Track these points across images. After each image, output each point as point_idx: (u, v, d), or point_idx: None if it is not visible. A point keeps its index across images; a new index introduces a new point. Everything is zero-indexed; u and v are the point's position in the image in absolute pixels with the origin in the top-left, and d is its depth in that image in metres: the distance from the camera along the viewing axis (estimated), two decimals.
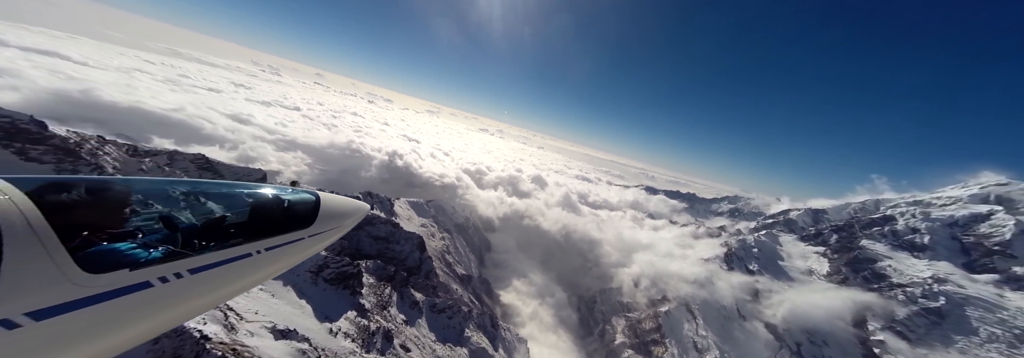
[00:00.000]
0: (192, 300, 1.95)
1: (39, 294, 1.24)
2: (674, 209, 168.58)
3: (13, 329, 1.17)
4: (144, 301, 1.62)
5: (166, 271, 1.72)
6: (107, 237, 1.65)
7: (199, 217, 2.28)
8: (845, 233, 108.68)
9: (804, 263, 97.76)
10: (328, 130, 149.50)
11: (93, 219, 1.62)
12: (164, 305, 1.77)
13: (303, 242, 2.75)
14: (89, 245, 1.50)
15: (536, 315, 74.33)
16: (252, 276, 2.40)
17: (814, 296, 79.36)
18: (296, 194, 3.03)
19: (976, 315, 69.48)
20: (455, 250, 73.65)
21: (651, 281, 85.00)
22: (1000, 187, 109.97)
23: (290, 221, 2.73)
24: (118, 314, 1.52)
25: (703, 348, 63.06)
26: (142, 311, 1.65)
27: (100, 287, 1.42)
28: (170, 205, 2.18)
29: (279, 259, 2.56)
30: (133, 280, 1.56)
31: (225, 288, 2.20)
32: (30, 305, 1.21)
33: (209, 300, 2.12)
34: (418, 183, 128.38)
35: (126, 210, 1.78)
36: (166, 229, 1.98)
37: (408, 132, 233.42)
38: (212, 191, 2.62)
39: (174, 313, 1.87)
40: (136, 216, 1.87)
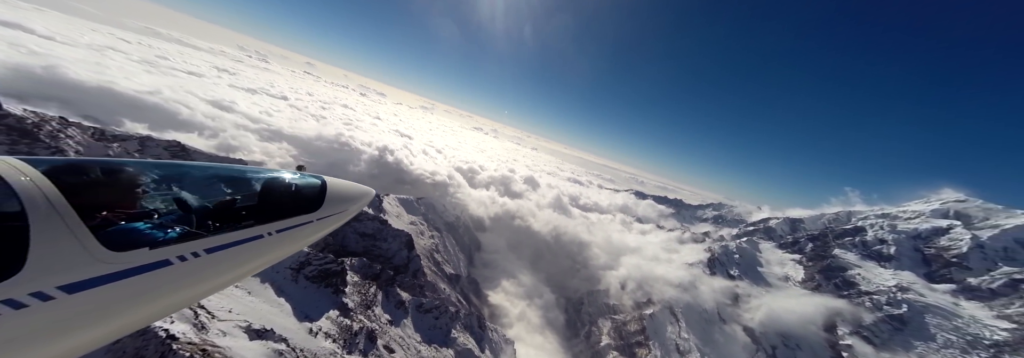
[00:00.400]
0: (208, 279, 2.05)
1: (67, 270, 1.31)
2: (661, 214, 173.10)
3: (47, 301, 1.25)
4: (165, 278, 1.71)
5: (184, 250, 1.79)
6: (125, 217, 1.72)
7: (211, 199, 2.36)
8: (819, 242, 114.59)
9: (781, 269, 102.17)
10: (316, 121, 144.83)
11: (110, 199, 1.70)
12: (183, 283, 1.86)
13: (311, 225, 2.82)
14: (109, 224, 1.59)
15: (524, 316, 74.24)
16: (263, 257, 2.47)
17: (789, 301, 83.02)
18: (303, 178, 3.10)
19: (934, 322, 74.48)
20: (444, 249, 72.67)
21: (637, 284, 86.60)
22: (959, 203, 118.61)
23: (298, 204, 2.80)
24: (141, 290, 1.61)
25: (685, 350, 64.61)
26: (163, 288, 1.74)
27: (123, 264, 1.50)
28: (183, 187, 2.27)
29: (288, 241, 2.63)
30: (154, 258, 1.64)
31: (239, 268, 2.26)
32: (60, 280, 1.28)
33: (224, 279, 2.20)
34: (409, 180, 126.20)
35: (141, 191, 1.88)
36: (180, 210, 2.07)
37: (400, 127, 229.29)
38: (223, 174, 2.71)
39: (192, 290, 1.98)
40: (151, 197, 1.96)
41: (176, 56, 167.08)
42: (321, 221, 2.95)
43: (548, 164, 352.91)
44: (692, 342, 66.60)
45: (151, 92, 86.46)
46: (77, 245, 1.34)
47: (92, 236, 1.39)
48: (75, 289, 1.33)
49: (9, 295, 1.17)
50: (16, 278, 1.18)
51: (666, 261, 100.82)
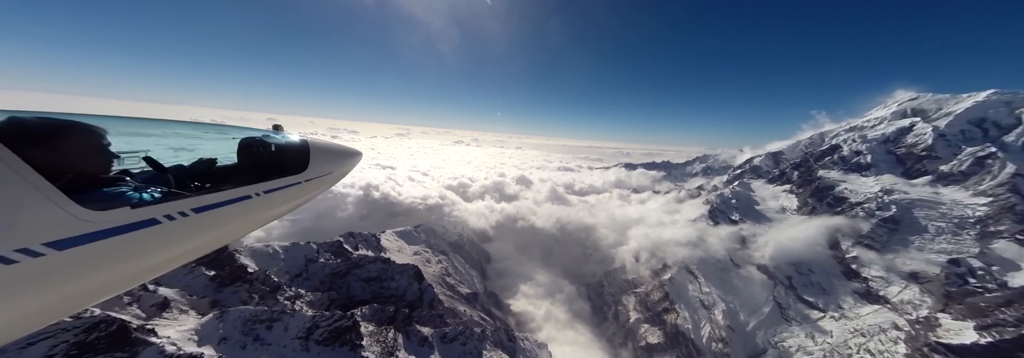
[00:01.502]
0: (200, 237, 2.13)
1: (48, 228, 1.31)
2: (654, 179, 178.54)
3: (37, 257, 1.27)
4: (156, 236, 1.74)
5: (170, 210, 1.81)
6: (96, 176, 1.73)
7: (184, 158, 2.39)
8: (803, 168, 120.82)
9: (776, 203, 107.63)
10: None
11: (73, 158, 1.66)
12: (175, 241, 1.91)
13: (300, 186, 2.87)
14: (81, 184, 1.58)
15: (550, 315, 76.69)
16: (254, 217, 2.55)
17: (792, 230, 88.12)
18: (283, 138, 3.09)
19: (922, 215, 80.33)
20: (455, 270, 74.21)
21: (650, 253, 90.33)
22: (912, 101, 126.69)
23: (283, 165, 2.85)
24: (134, 247, 1.64)
25: (710, 304, 68.48)
26: (156, 245, 1.78)
27: (108, 223, 1.50)
28: (149, 145, 2.24)
29: (279, 202, 2.68)
30: (139, 217, 1.64)
31: (230, 227, 2.36)
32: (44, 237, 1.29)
33: (217, 238, 2.32)
34: (401, 211, 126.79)
35: (104, 149, 1.82)
36: (153, 169, 2.09)
37: (380, 160, 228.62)
38: (193, 132, 2.68)
39: (185, 248, 2.05)
40: (118, 156, 1.91)
41: None
42: (310, 182, 2.96)
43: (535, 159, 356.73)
44: (714, 294, 70.56)
45: None
46: (49, 204, 1.33)
47: (64, 195, 1.37)
48: (64, 246, 1.35)
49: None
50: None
51: (671, 223, 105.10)
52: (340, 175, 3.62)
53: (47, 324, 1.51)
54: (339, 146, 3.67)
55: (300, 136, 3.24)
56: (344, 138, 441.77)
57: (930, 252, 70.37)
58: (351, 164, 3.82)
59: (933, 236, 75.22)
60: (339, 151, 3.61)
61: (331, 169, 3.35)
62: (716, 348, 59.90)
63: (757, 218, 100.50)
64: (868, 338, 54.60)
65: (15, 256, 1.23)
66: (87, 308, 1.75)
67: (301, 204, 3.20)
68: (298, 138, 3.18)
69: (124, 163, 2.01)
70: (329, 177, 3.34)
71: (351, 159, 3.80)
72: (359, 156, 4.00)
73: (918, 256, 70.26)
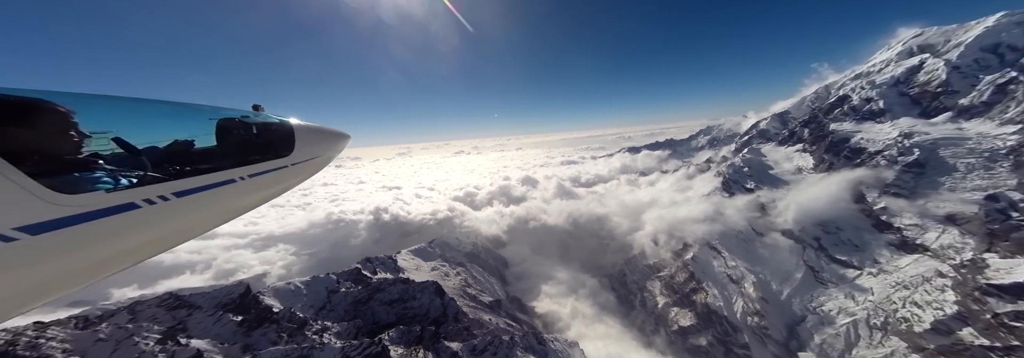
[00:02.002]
0: (183, 221, 2.09)
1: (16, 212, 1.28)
2: (660, 159, 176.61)
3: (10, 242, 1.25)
4: (136, 221, 1.70)
5: (150, 194, 1.76)
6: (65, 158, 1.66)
7: (158, 140, 2.28)
8: (813, 124, 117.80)
9: (791, 164, 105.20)
10: (303, 211, 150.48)
11: (39, 138, 1.57)
12: (157, 225, 1.88)
13: (287, 170, 2.80)
14: (49, 167, 1.52)
15: (576, 312, 76.95)
16: (240, 201, 2.50)
17: (812, 190, 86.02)
18: (265, 119, 2.99)
19: (948, 153, 77.24)
20: (474, 280, 75.63)
21: (667, 234, 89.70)
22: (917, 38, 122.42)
23: (267, 147, 2.77)
24: (114, 232, 1.61)
25: (738, 278, 67.52)
26: (137, 230, 1.74)
27: (82, 207, 1.46)
28: (118, 126, 2.07)
29: (265, 186, 2.61)
30: (116, 202, 1.59)
31: (214, 212, 2.32)
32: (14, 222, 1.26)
33: (201, 223, 2.29)
34: (413, 229, 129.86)
35: (75, 129, 1.72)
36: (125, 151, 1.98)
37: (386, 182, 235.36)
38: (163, 112, 2.56)
39: (168, 233, 2.02)
40: (88, 136, 1.80)
41: None
42: (297, 166, 2.88)
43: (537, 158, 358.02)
44: (741, 267, 69.54)
45: None
46: (16, 188, 1.29)
47: (31, 179, 1.34)
48: (38, 230, 1.32)
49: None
50: None
51: (684, 201, 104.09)
52: (327, 159, 3.49)
53: (30, 308, 1.54)
54: (325, 128, 3.55)
55: (283, 117, 3.12)
56: (348, 166, 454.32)
57: (964, 191, 67.59)
58: (339, 147, 3.70)
59: (964, 174, 72.08)
60: (326, 133, 3.48)
61: (318, 152, 3.25)
62: (752, 322, 58.98)
63: (773, 183, 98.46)
64: (912, 290, 52.84)
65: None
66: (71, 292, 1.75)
67: (288, 189, 3.11)
68: (280, 119, 3.09)
69: (94, 144, 1.90)
70: (316, 161, 3.24)
71: (339, 142, 3.67)
72: (346, 139, 3.85)
73: (951, 197, 67.61)
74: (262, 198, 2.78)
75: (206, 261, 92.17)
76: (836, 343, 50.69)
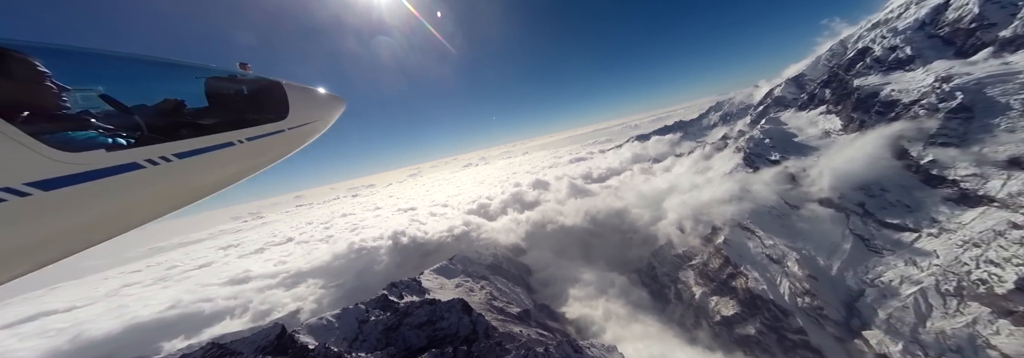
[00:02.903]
0: (187, 183, 2.13)
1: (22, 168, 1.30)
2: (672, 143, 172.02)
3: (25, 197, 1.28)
4: (142, 180, 1.74)
5: (152, 154, 1.79)
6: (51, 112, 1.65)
7: (147, 98, 2.24)
8: (834, 84, 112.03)
9: (816, 129, 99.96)
10: (326, 244, 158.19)
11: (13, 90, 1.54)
12: (162, 186, 1.91)
13: (284, 135, 2.82)
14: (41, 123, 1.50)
15: (609, 313, 74.92)
16: (239, 165, 2.53)
17: (845, 153, 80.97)
18: (254, 80, 2.97)
19: (997, 92, 71.02)
20: (500, 292, 75.79)
21: (693, 220, 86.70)
22: None
23: (261, 110, 2.79)
24: (121, 191, 1.63)
25: (779, 257, 63.81)
26: (143, 190, 1.77)
27: (86, 165, 1.49)
28: (103, 82, 2.06)
29: (262, 151, 2.65)
30: (119, 161, 1.62)
31: (215, 175, 2.35)
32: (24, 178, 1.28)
33: (204, 185, 2.32)
34: (432, 248, 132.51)
35: (48, 78, 1.69)
36: (114, 109, 1.97)
37: (401, 205, 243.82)
38: (149, 68, 2.49)
39: (173, 194, 2.06)
40: (67, 88, 1.78)
41: (183, 259, 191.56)
42: (293, 131, 2.91)
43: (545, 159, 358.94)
44: (780, 245, 65.82)
45: (171, 306, 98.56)
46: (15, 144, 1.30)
47: (28, 136, 1.34)
48: (50, 186, 1.34)
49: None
50: None
51: (705, 183, 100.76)
52: (323, 125, 3.45)
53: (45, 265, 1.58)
54: (318, 91, 3.53)
55: (272, 77, 3.09)
56: (363, 194, 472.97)
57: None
58: (334, 112, 3.65)
59: (1021, 112, 65.77)
60: (319, 97, 3.46)
61: (314, 117, 3.23)
62: (803, 304, 55.06)
63: (800, 151, 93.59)
64: (985, 247, 47.95)
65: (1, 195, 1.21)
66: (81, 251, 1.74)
67: (286, 155, 3.09)
68: (271, 80, 3.07)
69: (79, 101, 1.85)
70: (312, 126, 3.21)
71: (334, 106, 3.64)
72: (341, 103, 3.77)
73: (1011, 138, 61.87)
74: (260, 163, 2.77)
75: (243, 305, 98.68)
76: (905, 316, 46.18)
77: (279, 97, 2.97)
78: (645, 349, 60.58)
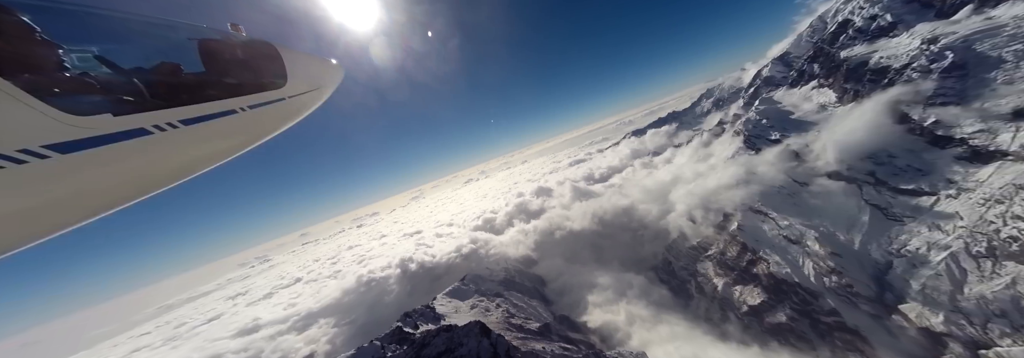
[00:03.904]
0: (194, 151, 2.12)
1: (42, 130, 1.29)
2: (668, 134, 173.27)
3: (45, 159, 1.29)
4: (151, 146, 1.73)
5: (158, 120, 1.78)
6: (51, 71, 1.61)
7: (144, 61, 2.20)
8: (821, 58, 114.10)
9: (811, 104, 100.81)
10: (335, 280, 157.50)
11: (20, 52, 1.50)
12: (171, 152, 1.90)
13: (285, 103, 2.80)
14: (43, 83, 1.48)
15: (632, 317, 72.85)
16: (242, 135, 2.52)
17: (845, 123, 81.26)
18: (248, 44, 2.93)
19: (987, 46, 72.07)
20: (516, 308, 74.50)
21: (703, 209, 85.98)
22: None
23: (260, 76, 2.78)
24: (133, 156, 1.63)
25: (797, 238, 62.62)
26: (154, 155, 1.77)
27: (94, 130, 1.48)
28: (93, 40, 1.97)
29: (264, 120, 2.64)
30: (127, 126, 1.61)
31: (221, 143, 2.34)
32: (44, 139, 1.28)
33: (211, 153, 2.31)
34: (441, 271, 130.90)
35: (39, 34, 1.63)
36: (114, 73, 1.93)
37: (406, 230, 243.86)
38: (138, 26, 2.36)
39: (182, 161, 2.05)
40: (61, 47, 1.73)
41: (192, 315, 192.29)
42: (294, 99, 2.90)
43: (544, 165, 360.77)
44: (796, 225, 64.78)
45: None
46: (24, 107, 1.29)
47: (33, 97, 1.32)
48: (67, 149, 1.35)
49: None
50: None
51: (709, 171, 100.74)
52: (322, 94, 3.40)
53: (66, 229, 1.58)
54: (315, 57, 3.53)
55: (267, 40, 3.04)
56: (368, 223, 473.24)
57: (1023, 81, 61.99)
58: (333, 80, 3.64)
59: (1015, 62, 66.32)
60: (317, 63, 3.46)
61: (313, 85, 3.21)
62: (831, 283, 53.31)
63: (799, 127, 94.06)
64: (1008, 203, 46.93)
65: (20, 156, 1.23)
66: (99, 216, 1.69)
67: (287, 124, 3.05)
68: (266, 42, 3.03)
69: (77, 62, 1.81)
70: (312, 94, 3.18)
71: (333, 74, 3.64)
72: (340, 70, 3.75)
73: (1010, 90, 62.13)
74: (262, 133, 2.75)
75: (254, 357, 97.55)
76: (940, 285, 44.42)
77: (277, 63, 2.95)
78: (676, 351, 58.39)
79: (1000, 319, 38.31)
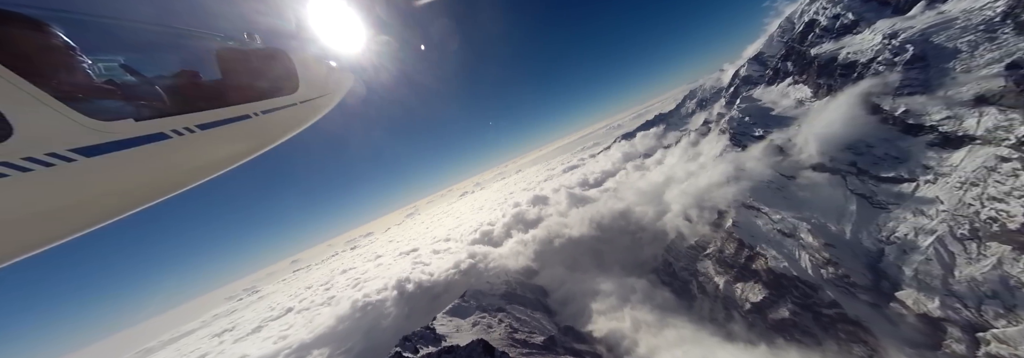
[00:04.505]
0: (208, 155, 2.25)
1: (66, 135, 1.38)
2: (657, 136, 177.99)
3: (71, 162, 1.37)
4: (169, 150, 1.84)
5: (177, 125, 1.90)
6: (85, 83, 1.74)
7: (164, 69, 2.40)
8: (793, 56, 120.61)
9: (789, 100, 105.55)
10: (328, 307, 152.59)
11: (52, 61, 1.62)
12: (186, 156, 2.03)
13: (296, 108, 2.97)
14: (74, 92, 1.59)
15: (637, 322, 72.20)
16: (255, 139, 2.68)
17: (823, 117, 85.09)
18: (263, 50, 3.11)
19: (943, 38, 77.51)
20: (520, 322, 73.39)
21: (697, 207, 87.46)
22: None
23: (273, 83, 2.94)
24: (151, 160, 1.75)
25: (791, 230, 64.01)
26: (170, 159, 1.90)
27: (117, 134, 1.58)
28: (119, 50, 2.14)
29: (276, 125, 2.79)
30: (147, 131, 1.73)
31: (235, 148, 2.47)
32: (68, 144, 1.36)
33: (224, 157, 2.43)
34: (440, 290, 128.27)
35: (71, 46, 1.77)
36: (135, 79, 2.09)
37: (402, 248, 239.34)
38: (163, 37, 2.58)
39: (197, 165, 2.18)
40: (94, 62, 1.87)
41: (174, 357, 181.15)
42: (304, 105, 3.06)
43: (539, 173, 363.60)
44: (788, 218, 66.35)
45: None
46: (52, 112, 1.37)
47: (62, 103, 1.41)
48: (92, 153, 1.45)
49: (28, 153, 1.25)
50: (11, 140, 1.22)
51: (699, 169, 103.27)
52: (332, 100, 3.57)
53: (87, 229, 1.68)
54: (327, 64, 3.66)
55: (281, 48, 3.20)
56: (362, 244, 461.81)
57: (979, 69, 66.53)
58: (343, 86, 3.83)
59: (970, 52, 71.33)
60: (328, 70, 3.61)
61: (324, 90, 3.37)
62: (828, 274, 54.19)
63: (780, 122, 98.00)
64: (983, 185, 49.26)
65: (49, 159, 1.31)
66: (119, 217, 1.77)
67: (298, 129, 3.18)
68: (280, 50, 3.20)
69: (103, 71, 1.97)
70: (321, 100, 3.33)
71: (342, 81, 3.81)
72: (350, 77, 3.93)
73: (969, 78, 66.34)
74: (274, 137, 2.87)
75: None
76: (932, 269, 45.58)
77: (289, 69, 3.13)
78: (684, 356, 57.72)
79: (992, 300, 39.35)
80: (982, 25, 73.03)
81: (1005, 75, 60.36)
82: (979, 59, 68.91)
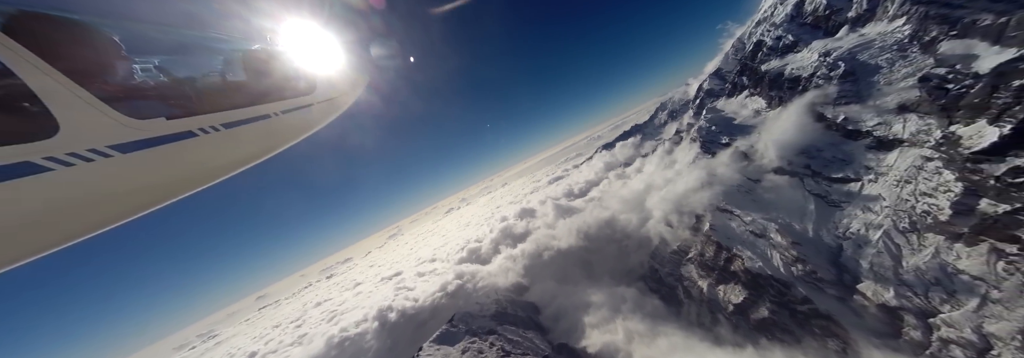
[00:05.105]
0: (232, 153, 2.38)
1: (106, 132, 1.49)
2: (635, 145, 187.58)
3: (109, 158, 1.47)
4: (196, 148, 1.96)
5: (203, 123, 2.04)
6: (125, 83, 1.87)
7: (195, 70, 2.57)
8: (747, 72, 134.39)
9: (748, 110, 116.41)
10: (299, 347, 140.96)
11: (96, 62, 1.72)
12: (211, 154, 2.15)
13: (311, 109, 3.12)
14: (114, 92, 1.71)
15: (630, 334, 73.16)
16: (274, 138, 2.82)
17: (778, 125, 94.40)
18: (283, 53, 3.29)
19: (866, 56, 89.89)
20: (512, 344, 72.04)
21: (677, 213, 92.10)
22: None
23: (291, 84, 3.12)
24: (180, 157, 1.87)
25: (761, 231, 68.87)
26: (197, 156, 2.02)
27: (150, 132, 1.71)
28: (155, 52, 2.29)
29: (295, 124, 2.94)
30: (177, 129, 1.85)
31: (255, 146, 2.60)
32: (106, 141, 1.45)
33: (246, 155, 2.55)
34: (427, 316, 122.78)
35: (125, 53, 1.93)
36: (169, 80, 2.22)
37: (383, 273, 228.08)
38: (195, 42, 2.75)
39: (221, 163, 2.30)
40: (133, 62, 2.01)
41: None
42: (321, 105, 3.24)
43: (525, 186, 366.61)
44: (758, 220, 71.49)
45: None
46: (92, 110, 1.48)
47: (102, 102, 1.53)
48: (128, 149, 1.56)
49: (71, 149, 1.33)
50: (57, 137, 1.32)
51: (676, 176, 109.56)
52: (346, 101, 3.68)
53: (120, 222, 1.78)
54: (342, 66, 3.76)
55: (301, 52, 3.35)
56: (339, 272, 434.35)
57: (898, 81, 77.41)
58: (357, 88, 3.95)
59: (889, 67, 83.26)
60: (343, 72, 3.73)
61: (338, 92, 3.53)
62: (798, 271, 58.45)
63: (743, 131, 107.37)
64: (914, 182, 56.28)
65: (88, 154, 1.42)
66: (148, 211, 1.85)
67: (314, 128, 3.29)
68: (299, 54, 3.35)
69: (140, 71, 2.08)
70: (336, 101, 3.49)
71: (357, 82, 3.93)
72: (365, 79, 4.01)
73: (891, 89, 76.89)
74: (291, 136, 2.99)
75: None
76: (883, 261, 50.68)
77: (306, 71, 3.29)
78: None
79: (936, 287, 44.06)
80: (895, 45, 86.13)
81: (919, 86, 70.89)
82: (897, 73, 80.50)
